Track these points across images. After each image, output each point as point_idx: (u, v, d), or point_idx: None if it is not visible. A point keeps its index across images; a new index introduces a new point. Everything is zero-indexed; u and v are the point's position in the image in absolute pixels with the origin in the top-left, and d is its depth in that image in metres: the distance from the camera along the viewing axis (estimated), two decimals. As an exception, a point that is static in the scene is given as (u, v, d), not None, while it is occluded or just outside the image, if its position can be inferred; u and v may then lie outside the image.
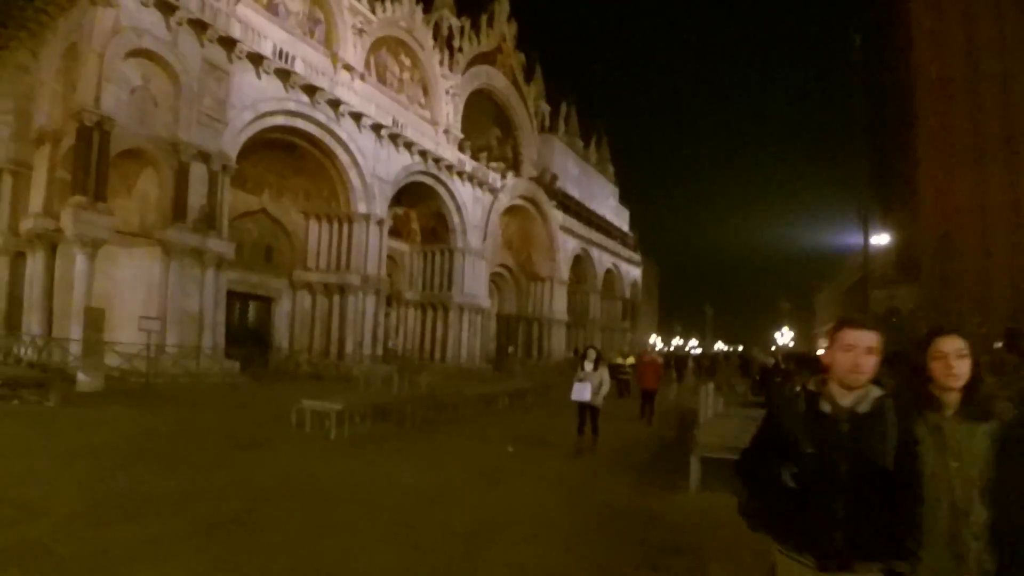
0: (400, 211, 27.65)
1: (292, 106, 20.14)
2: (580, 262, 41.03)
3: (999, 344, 31.65)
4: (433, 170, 26.70)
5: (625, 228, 52.35)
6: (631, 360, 18.33)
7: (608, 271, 46.41)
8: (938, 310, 32.75)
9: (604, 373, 8.67)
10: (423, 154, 25.77)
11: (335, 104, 21.31)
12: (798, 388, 1.97)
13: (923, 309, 36.61)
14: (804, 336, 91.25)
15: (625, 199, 53.21)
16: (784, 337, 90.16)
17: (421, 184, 26.71)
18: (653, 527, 5.08)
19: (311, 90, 20.44)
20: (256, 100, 18.98)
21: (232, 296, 20.25)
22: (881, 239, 41.43)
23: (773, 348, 72.99)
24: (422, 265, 29.55)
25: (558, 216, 36.30)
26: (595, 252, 42.94)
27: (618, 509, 5.66)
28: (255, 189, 22.41)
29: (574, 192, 40.06)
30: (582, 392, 8.35)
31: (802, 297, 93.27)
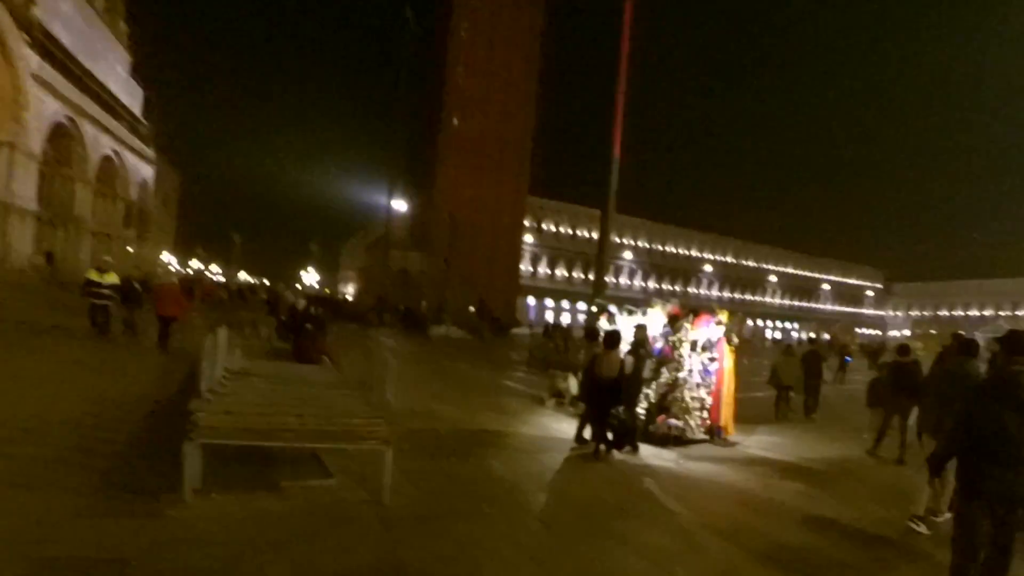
0: None
1: None
2: (64, 137, 29.98)
3: (472, 308, 39.83)
4: None
5: (137, 111, 41.67)
6: (112, 278, 12.75)
7: (107, 159, 35.69)
8: (439, 276, 39.55)
9: None
10: None
11: None
12: None
13: (428, 272, 43.66)
14: (330, 280, 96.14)
15: (142, 77, 42.43)
16: (310, 277, 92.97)
17: None
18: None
19: None
20: None
21: None
22: (402, 207, 48.03)
23: (300, 287, 73.90)
24: None
25: (33, 60, 25.33)
26: (89, 129, 32.07)
27: (58, 566, 3.11)
28: None
29: (65, 38, 28.82)
30: None
31: (331, 242, 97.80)
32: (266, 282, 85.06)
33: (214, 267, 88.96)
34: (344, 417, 4.65)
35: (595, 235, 58.36)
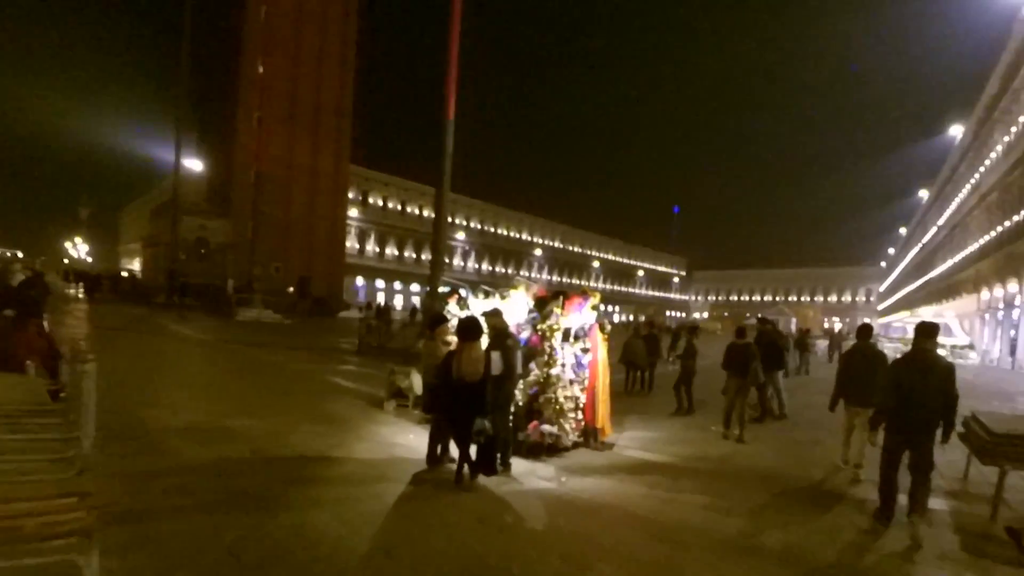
0: None
1: None
2: None
3: (291, 288, 35.38)
4: None
5: None
6: None
7: None
8: (246, 247, 34.07)
9: None
10: None
11: None
12: None
13: (232, 244, 37.55)
14: (107, 253, 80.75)
15: None
16: (79, 250, 76.79)
17: None
18: None
19: None
20: None
21: None
22: (196, 165, 40.65)
23: (67, 262, 60.31)
24: None
25: None
26: None
27: None
28: None
29: None
30: None
31: (107, 208, 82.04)
32: (19, 255, 68.88)
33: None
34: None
35: (427, 212, 56.35)
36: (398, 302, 50.34)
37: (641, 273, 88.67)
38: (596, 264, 79.76)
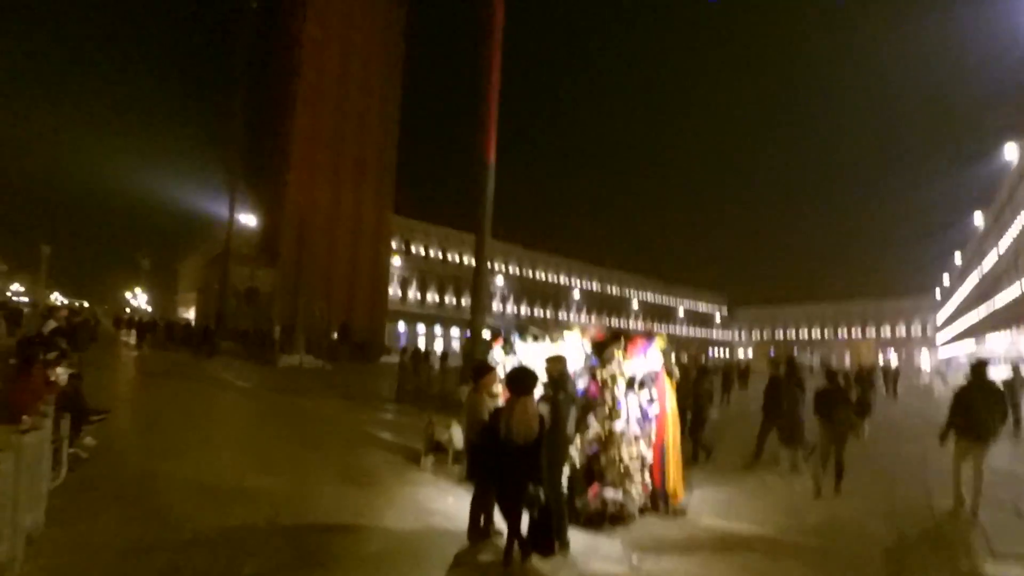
0: None
1: None
2: None
3: (335, 334, 35.22)
4: None
5: None
6: None
7: None
8: (291, 295, 34.57)
9: None
10: None
11: None
12: None
13: (279, 292, 38.22)
14: (166, 301, 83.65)
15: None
16: (138, 299, 79.88)
17: None
18: None
19: None
20: None
21: None
22: (249, 219, 42.16)
23: (129, 311, 62.50)
24: None
25: None
26: None
27: None
28: None
29: None
30: None
31: (166, 260, 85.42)
32: (86, 304, 72.29)
33: (16, 286, 73.43)
34: None
35: (467, 258, 56.49)
36: (438, 346, 49.89)
37: (681, 312, 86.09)
38: (635, 305, 77.90)
